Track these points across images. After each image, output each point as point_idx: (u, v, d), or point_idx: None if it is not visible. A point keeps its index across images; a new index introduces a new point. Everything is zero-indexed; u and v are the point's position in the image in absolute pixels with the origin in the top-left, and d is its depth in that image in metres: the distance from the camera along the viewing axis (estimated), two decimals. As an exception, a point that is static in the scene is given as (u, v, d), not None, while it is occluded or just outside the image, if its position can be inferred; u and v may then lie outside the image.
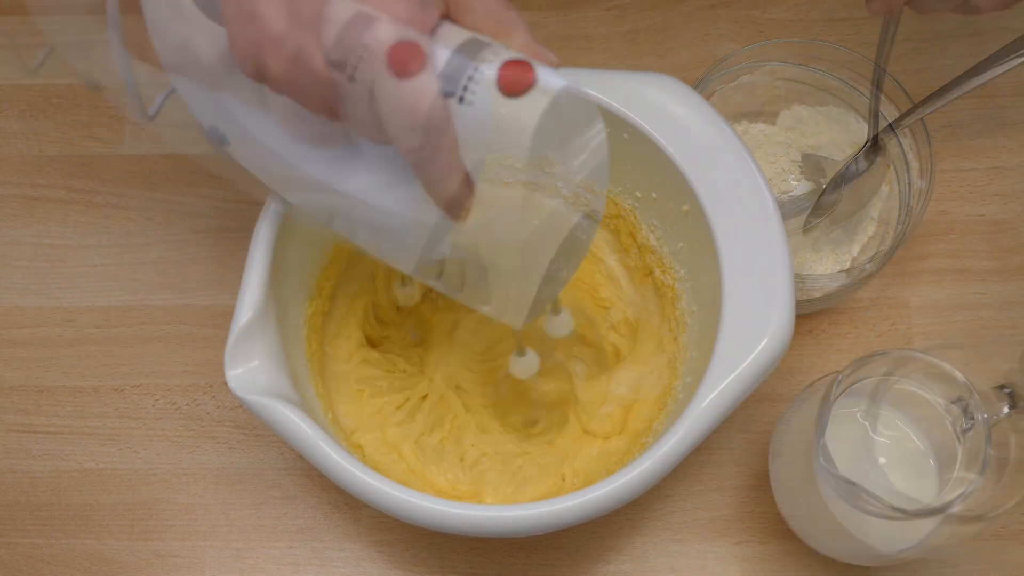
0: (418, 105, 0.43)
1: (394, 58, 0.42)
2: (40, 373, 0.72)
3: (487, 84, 0.44)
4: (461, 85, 0.44)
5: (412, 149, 0.44)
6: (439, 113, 0.43)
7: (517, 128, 0.44)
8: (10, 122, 0.79)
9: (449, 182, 0.46)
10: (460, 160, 0.45)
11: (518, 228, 0.47)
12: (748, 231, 0.58)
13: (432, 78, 0.43)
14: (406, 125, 0.44)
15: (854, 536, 0.61)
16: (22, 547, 0.68)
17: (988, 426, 0.57)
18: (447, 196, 0.46)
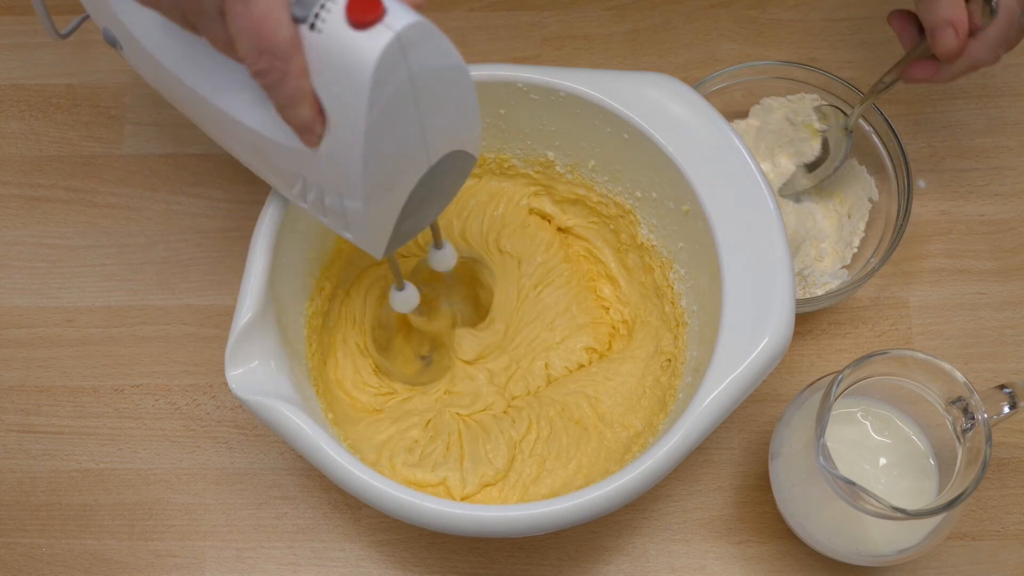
0: (264, 27, 0.43)
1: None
2: (40, 373, 0.72)
3: (337, 12, 0.44)
4: (313, 12, 0.44)
5: (259, 71, 0.45)
6: (285, 37, 0.44)
7: (359, 62, 0.44)
8: (10, 122, 0.79)
9: (298, 108, 0.46)
10: (310, 86, 0.46)
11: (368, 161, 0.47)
12: (748, 231, 0.58)
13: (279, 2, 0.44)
14: (253, 47, 0.44)
15: (854, 536, 0.61)
16: (22, 547, 0.68)
17: (988, 426, 0.57)
18: (297, 122, 0.47)
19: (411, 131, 0.48)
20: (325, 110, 0.47)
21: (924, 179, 0.76)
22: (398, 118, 0.47)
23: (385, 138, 0.47)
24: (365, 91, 0.45)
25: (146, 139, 0.78)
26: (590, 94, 0.62)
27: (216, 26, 0.45)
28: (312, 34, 0.45)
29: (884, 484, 0.62)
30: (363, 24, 0.44)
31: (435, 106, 0.48)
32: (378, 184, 0.49)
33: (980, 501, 0.68)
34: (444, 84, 0.48)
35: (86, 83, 0.79)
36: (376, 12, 0.44)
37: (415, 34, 0.45)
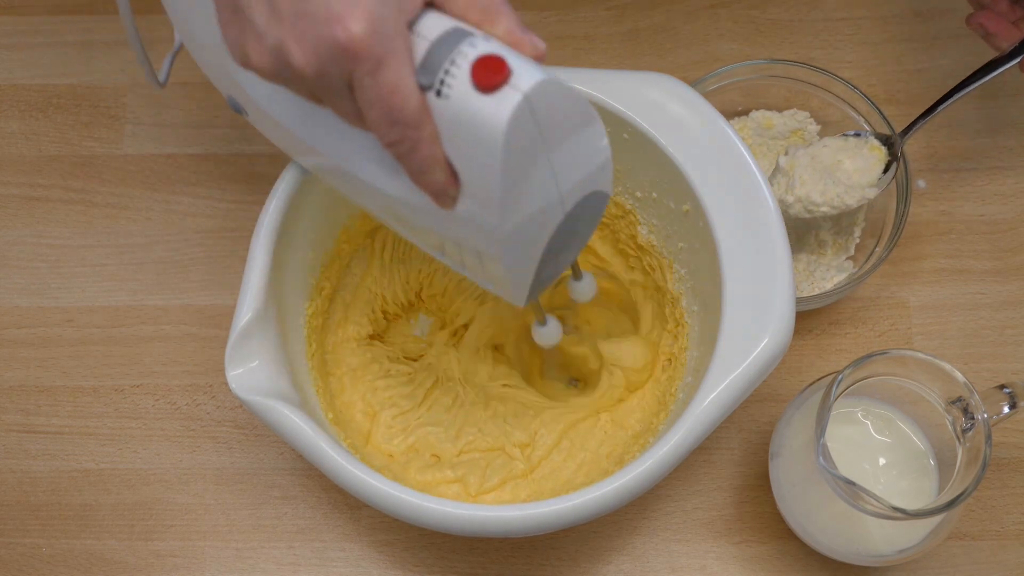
0: (393, 99, 0.43)
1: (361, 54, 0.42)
2: (40, 373, 0.72)
3: (462, 78, 0.44)
4: (438, 78, 0.44)
5: (391, 142, 0.45)
6: (414, 107, 0.44)
7: (489, 126, 0.44)
8: (10, 122, 0.79)
9: (431, 174, 0.46)
10: (441, 152, 0.46)
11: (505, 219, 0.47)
12: (748, 231, 0.58)
13: (407, 72, 0.43)
14: (383, 119, 0.44)
15: (854, 536, 0.61)
16: (22, 547, 0.68)
17: (988, 426, 0.57)
18: (431, 187, 0.47)
19: (545, 183, 0.48)
20: (458, 173, 0.46)
21: (924, 179, 0.76)
22: (531, 174, 0.47)
23: (520, 195, 0.47)
24: (498, 155, 0.44)
25: (146, 139, 0.78)
26: (590, 94, 0.62)
27: (343, 100, 0.45)
28: (439, 100, 0.44)
29: (884, 484, 0.62)
30: (490, 88, 0.44)
31: (567, 154, 0.48)
32: (516, 239, 0.49)
33: (980, 501, 0.68)
34: (574, 131, 0.48)
35: (86, 83, 0.79)
36: (502, 74, 0.44)
37: (542, 92, 0.44)
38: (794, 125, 0.74)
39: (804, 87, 0.73)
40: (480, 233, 0.48)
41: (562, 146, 0.47)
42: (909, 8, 0.80)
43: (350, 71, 0.43)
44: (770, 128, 0.74)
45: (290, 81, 0.45)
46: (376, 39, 0.42)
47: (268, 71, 0.45)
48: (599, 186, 0.52)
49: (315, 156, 0.55)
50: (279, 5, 0.43)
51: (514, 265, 0.50)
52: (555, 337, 0.62)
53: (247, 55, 0.45)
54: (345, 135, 0.52)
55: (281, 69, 0.45)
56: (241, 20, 0.45)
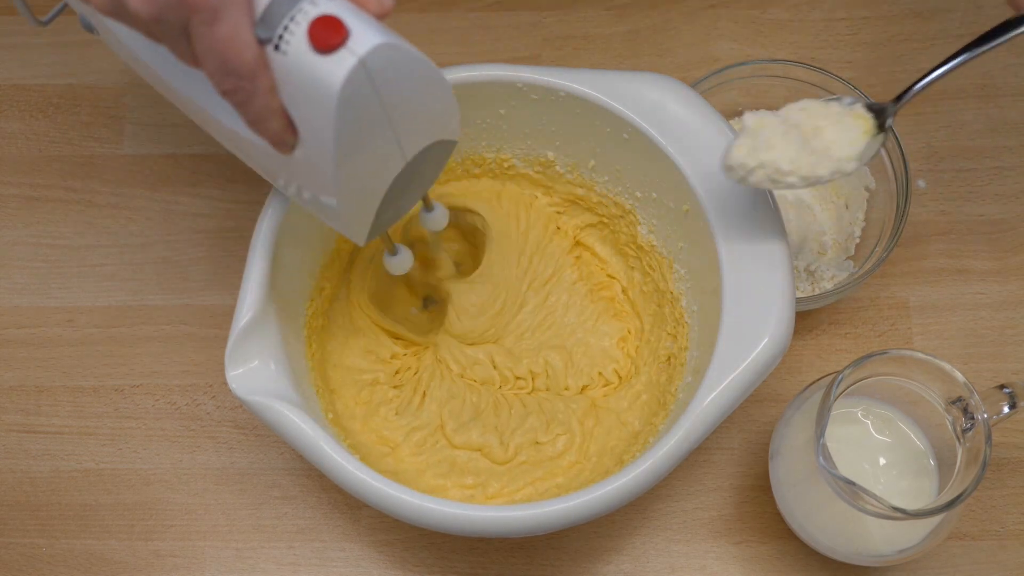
0: (229, 49, 0.44)
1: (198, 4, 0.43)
2: (40, 373, 0.72)
3: (300, 35, 0.44)
4: (277, 33, 0.45)
5: (226, 91, 0.45)
6: (250, 57, 0.44)
7: (324, 87, 0.45)
8: (10, 122, 0.78)
9: (267, 123, 0.47)
10: (278, 103, 0.46)
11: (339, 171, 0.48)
12: (748, 231, 0.58)
13: (244, 24, 0.44)
14: (218, 67, 0.45)
15: (854, 536, 0.61)
16: (22, 547, 0.68)
17: (988, 426, 0.57)
18: (268, 135, 0.48)
19: (383, 137, 0.49)
20: (296, 123, 0.47)
21: (924, 179, 0.76)
22: (368, 130, 0.47)
23: (355, 148, 0.48)
24: (331, 115, 0.45)
25: (146, 139, 0.78)
26: (590, 94, 0.62)
27: (181, 44, 0.45)
28: (277, 55, 0.45)
29: (884, 484, 0.62)
30: (326, 49, 0.44)
31: (406, 110, 0.49)
32: (352, 186, 0.50)
33: (980, 501, 0.68)
34: (414, 89, 0.49)
35: (86, 83, 0.79)
36: (339, 36, 0.44)
37: (379, 56, 0.45)
38: None
39: (804, 87, 0.73)
40: (315, 178, 0.49)
41: (401, 104, 0.48)
42: (909, 8, 0.80)
43: (186, 19, 0.43)
44: None
45: (126, 21, 0.46)
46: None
47: (105, 9, 0.46)
48: (444, 135, 0.53)
49: (162, 82, 0.54)
50: None
51: (350, 208, 0.51)
52: (405, 266, 0.63)
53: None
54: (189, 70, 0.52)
55: (117, 9, 0.45)
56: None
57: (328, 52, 0.44)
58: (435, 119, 0.51)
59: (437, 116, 0.51)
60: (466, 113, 0.64)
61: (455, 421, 0.66)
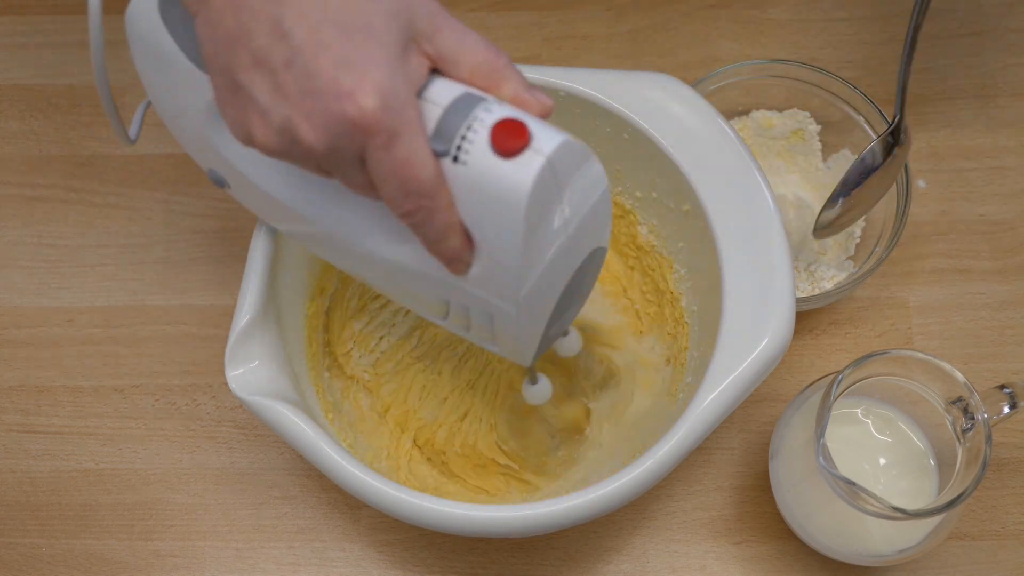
0: (409, 170, 0.43)
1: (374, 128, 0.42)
2: (40, 373, 0.72)
3: (481, 143, 0.43)
4: (455, 144, 0.44)
5: (406, 212, 0.44)
6: (430, 176, 0.43)
7: (512, 190, 0.43)
8: (10, 122, 0.79)
9: (447, 241, 0.46)
10: (457, 218, 0.45)
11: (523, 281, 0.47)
12: (748, 231, 0.58)
13: (421, 141, 0.43)
14: (399, 190, 0.43)
15: (854, 536, 0.61)
16: (22, 547, 0.68)
17: (988, 426, 0.57)
18: (447, 254, 0.46)
19: (560, 243, 0.48)
20: (474, 237, 0.46)
21: (924, 179, 0.76)
22: (549, 235, 0.46)
23: (536, 256, 0.46)
24: (520, 219, 0.44)
25: (146, 139, 0.77)
26: (590, 94, 0.62)
27: (355, 173, 0.44)
28: (455, 166, 0.44)
29: (884, 484, 0.62)
30: (511, 153, 0.43)
31: (580, 211, 0.48)
32: (532, 299, 0.48)
33: (980, 501, 0.68)
34: (587, 188, 0.48)
35: (86, 83, 0.79)
36: (523, 139, 0.43)
37: (563, 153, 0.44)
38: (794, 125, 0.74)
39: (804, 87, 0.73)
40: (494, 296, 0.48)
41: (577, 205, 0.47)
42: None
43: (363, 146, 0.42)
44: (770, 128, 0.74)
45: (297, 158, 0.44)
46: (388, 112, 0.41)
47: (274, 149, 0.44)
48: (603, 241, 0.52)
49: (309, 225, 0.53)
50: (284, 83, 0.42)
51: (525, 323, 0.50)
52: (546, 395, 0.62)
53: (251, 134, 0.44)
54: (348, 207, 0.51)
55: (288, 147, 0.44)
56: (242, 98, 0.44)
57: (513, 155, 0.43)
58: (598, 222, 0.50)
59: (600, 220, 0.50)
60: (466, 114, 0.64)
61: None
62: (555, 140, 0.44)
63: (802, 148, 0.75)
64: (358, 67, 0.41)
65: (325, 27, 0.42)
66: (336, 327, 0.67)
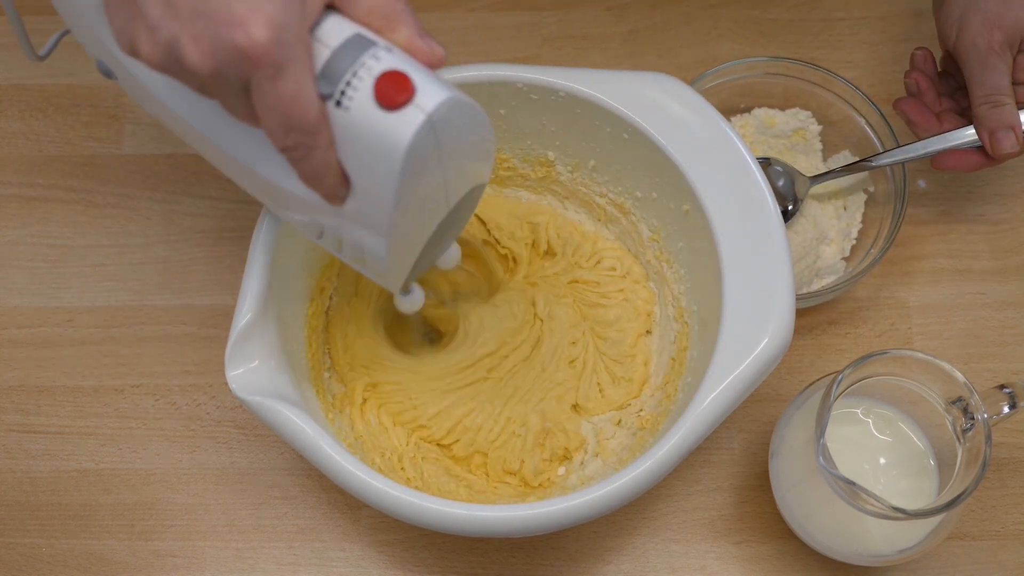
0: (293, 106, 0.43)
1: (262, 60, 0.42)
2: (40, 373, 0.72)
3: (364, 91, 0.44)
4: (339, 89, 0.44)
5: (287, 147, 0.45)
6: (313, 115, 0.44)
7: (390, 144, 0.44)
8: (10, 122, 0.79)
9: (324, 179, 0.46)
10: (335, 159, 0.46)
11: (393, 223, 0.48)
12: (748, 231, 0.58)
13: (307, 80, 0.43)
14: (280, 124, 0.44)
15: (854, 536, 0.61)
16: (22, 547, 0.68)
17: (988, 426, 0.57)
18: (322, 190, 0.47)
19: (435, 187, 0.48)
20: (350, 176, 0.47)
21: (924, 179, 0.76)
22: (424, 182, 0.47)
23: (410, 201, 0.47)
24: (396, 170, 0.44)
25: (146, 139, 0.78)
26: (590, 94, 0.62)
27: (237, 100, 0.44)
28: (338, 110, 0.44)
29: (884, 484, 0.62)
30: (393, 106, 0.43)
31: (458, 160, 0.48)
32: (400, 236, 0.49)
33: (980, 501, 0.68)
34: (467, 139, 0.48)
35: (86, 83, 0.79)
36: (406, 93, 0.44)
37: (444, 110, 0.44)
38: (796, 124, 0.74)
39: (805, 86, 0.73)
40: (365, 230, 0.49)
41: (458, 155, 0.48)
42: (909, 8, 0.80)
43: (248, 76, 0.42)
44: (772, 126, 0.74)
45: (180, 76, 0.45)
46: (278, 46, 0.42)
47: (157, 64, 0.44)
48: (482, 179, 0.53)
49: (189, 131, 0.53)
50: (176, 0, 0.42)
51: (395, 258, 0.51)
52: (418, 304, 0.62)
53: (135, 46, 0.44)
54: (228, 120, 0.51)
55: (172, 65, 0.44)
56: (131, 8, 0.43)
57: (395, 109, 0.44)
58: (478, 166, 0.51)
59: (480, 162, 0.51)
60: (466, 113, 0.64)
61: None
62: (438, 97, 0.44)
63: (803, 148, 0.75)
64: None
65: None
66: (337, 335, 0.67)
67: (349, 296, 0.69)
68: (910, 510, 0.55)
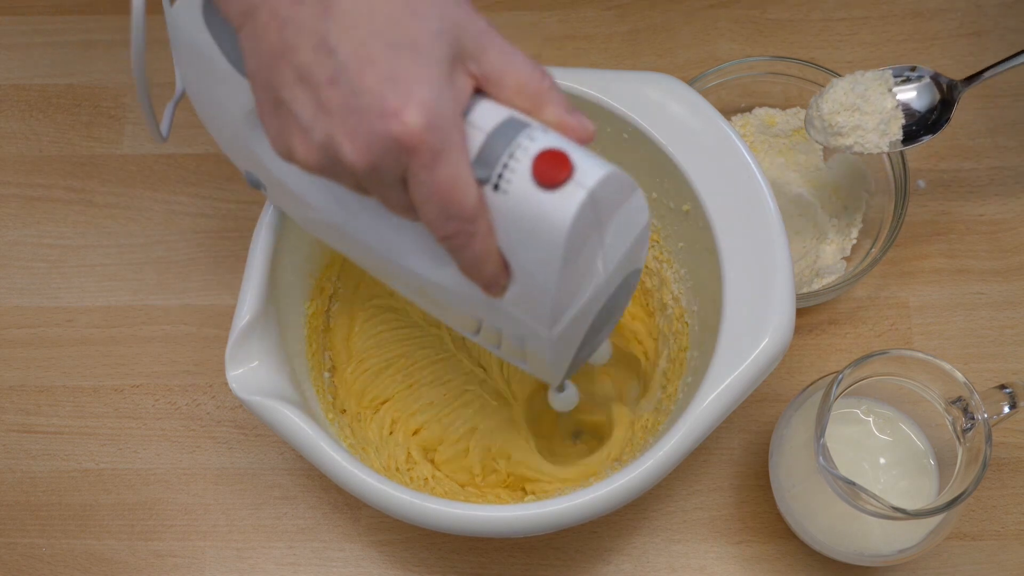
0: (451, 194, 0.42)
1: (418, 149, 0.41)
2: (40, 373, 0.72)
3: (522, 172, 0.43)
4: (496, 172, 0.43)
5: (446, 236, 0.44)
6: (472, 202, 0.43)
7: (552, 223, 0.43)
8: (10, 122, 0.79)
9: (484, 267, 0.45)
10: (496, 245, 0.45)
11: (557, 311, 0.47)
12: (748, 231, 0.58)
13: (464, 166, 0.42)
14: (439, 213, 0.43)
15: (854, 536, 0.61)
16: (22, 547, 0.68)
17: (988, 426, 0.57)
18: (482, 279, 0.46)
19: (597, 269, 0.47)
20: (510, 263, 0.46)
21: (923, 179, 0.76)
22: (586, 263, 0.46)
23: (573, 283, 0.46)
24: (558, 252, 0.43)
25: (146, 139, 0.78)
26: (590, 94, 0.62)
27: (395, 193, 0.43)
28: (496, 194, 0.43)
29: (884, 484, 0.62)
30: (553, 185, 0.43)
31: (618, 239, 0.48)
32: (564, 326, 0.48)
33: (980, 501, 0.68)
34: (627, 218, 0.47)
35: (86, 83, 0.79)
36: (566, 171, 0.43)
37: (605, 186, 0.44)
38: (796, 124, 0.74)
39: (805, 85, 0.73)
40: (527, 321, 0.48)
41: (616, 235, 0.47)
42: (909, 8, 0.80)
43: (405, 165, 0.41)
44: (772, 126, 0.74)
45: (338, 176, 0.44)
46: (433, 132, 0.41)
47: (315, 166, 0.44)
48: (638, 263, 0.51)
49: (346, 237, 0.53)
50: (327, 99, 0.41)
51: (559, 349, 0.50)
52: (573, 402, 0.61)
53: (291, 149, 0.44)
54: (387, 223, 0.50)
55: (330, 165, 0.43)
56: (284, 114, 0.43)
57: (556, 187, 0.43)
58: (635, 248, 0.50)
59: (637, 244, 0.50)
60: (467, 114, 0.64)
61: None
62: (598, 173, 0.43)
63: (803, 147, 0.75)
64: (404, 84, 0.40)
65: (371, 43, 0.41)
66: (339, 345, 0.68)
67: (351, 299, 0.69)
68: (910, 510, 0.55)
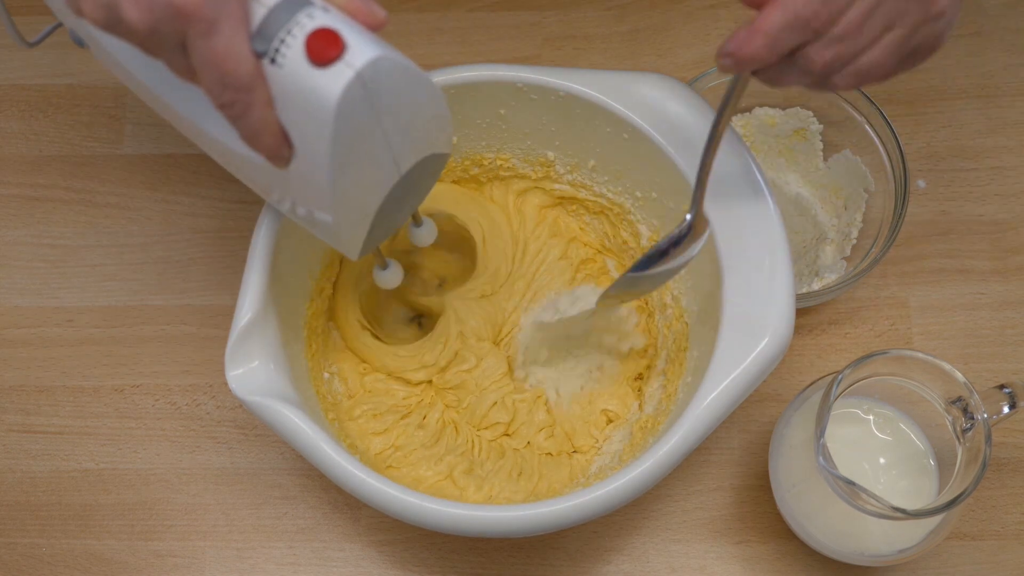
0: (226, 62, 0.44)
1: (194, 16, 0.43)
2: (40, 373, 0.72)
3: (297, 48, 0.45)
4: (273, 47, 0.45)
5: (223, 103, 0.45)
6: (247, 71, 0.44)
7: (320, 100, 0.45)
8: (10, 122, 0.79)
9: (263, 137, 0.47)
10: (274, 116, 0.46)
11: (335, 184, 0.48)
12: (748, 231, 0.58)
13: (241, 37, 0.44)
14: (216, 80, 0.45)
15: (854, 536, 0.61)
16: (22, 547, 0.68)
17: (988, 426, 0.57)
18: (263, 150, 0.48)
19: (377, 151, 0.49)
20: (291, 137, 0.47)
21: (923, 179, 0.76)
22: (363, 143, 0.48)
23: (351, 162, 0.48)
24: (328, 127, 0.45)
25: (146, 139, 0.78)
26: (590, 94, 0.62)
27: (176, 58, 0.45)
28: (273, 68, 0.45)
29: (884, 484, 0.62)
30: (323, 62, 0.44)
31: (401, 123, 0.49)
32: (347, 200, 0.50)
33: (980, 501, 0.68)
34: (409, 102, 0.49)
35: (86, 83, 0.79)
36: (336, 49, 0.44)
37: (376, 69, 0.45)
38: (796, 124, 0.74)
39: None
40: (310, 193, 0.49)
41: (397, 117, 0.48)
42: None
43: (183, 31, 0.43)
44: (772, 126, 0.74)
45: (122, 34, 0.46)
46: (209, 3, 0.43)
47: (100, 23, 0.45)
48: (437, 149, 0.53)
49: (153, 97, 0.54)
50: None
51: (345, 223, 0.51)
52: (396, 280, 0.63)
53: (80, 6, 0.45)
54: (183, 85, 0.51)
55: (113, 23, 0.45)
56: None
57: (325, 65, 0.44)
58: (429, 132, 0.52)
59: (431, 129, 0.52)
60: (466, 113, 0.64)
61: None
62: (369, 54, 0.45)
63: (803, 147, 0.75)
64: None
65: None
66: None
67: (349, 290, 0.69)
68: (910, 510, 0.55)
